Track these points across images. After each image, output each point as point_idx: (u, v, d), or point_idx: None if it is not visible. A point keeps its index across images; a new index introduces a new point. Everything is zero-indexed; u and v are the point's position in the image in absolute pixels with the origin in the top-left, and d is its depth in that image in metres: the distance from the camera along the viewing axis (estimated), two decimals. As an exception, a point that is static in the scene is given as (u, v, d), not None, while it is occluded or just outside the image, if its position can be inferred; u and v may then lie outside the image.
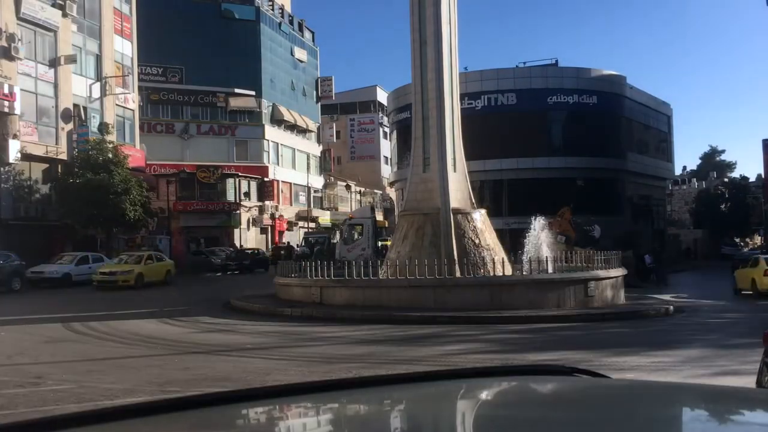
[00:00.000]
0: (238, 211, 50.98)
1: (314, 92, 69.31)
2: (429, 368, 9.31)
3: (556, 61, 47.75)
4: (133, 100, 43.15)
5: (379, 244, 36.38)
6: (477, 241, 19.55)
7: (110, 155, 34.44)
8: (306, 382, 5.30)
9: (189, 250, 45.06)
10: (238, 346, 12.69)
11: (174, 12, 54.08)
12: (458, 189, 20.22)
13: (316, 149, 67.92)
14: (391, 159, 61.28)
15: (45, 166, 35.53)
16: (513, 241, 25.51)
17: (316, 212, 63.13)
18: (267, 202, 54.50)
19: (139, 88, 46.38)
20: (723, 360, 10.69)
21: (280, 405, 1.85)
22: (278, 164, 59.08)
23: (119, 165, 34.44)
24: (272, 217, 55.27)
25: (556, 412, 1.76)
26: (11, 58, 32.80)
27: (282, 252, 42.30)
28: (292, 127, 62.67)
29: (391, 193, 66.84)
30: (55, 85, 36.05)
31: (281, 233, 56.91)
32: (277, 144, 59.81)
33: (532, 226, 22.89)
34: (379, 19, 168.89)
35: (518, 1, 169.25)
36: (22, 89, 33.27)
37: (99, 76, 39.56)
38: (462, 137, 21.00)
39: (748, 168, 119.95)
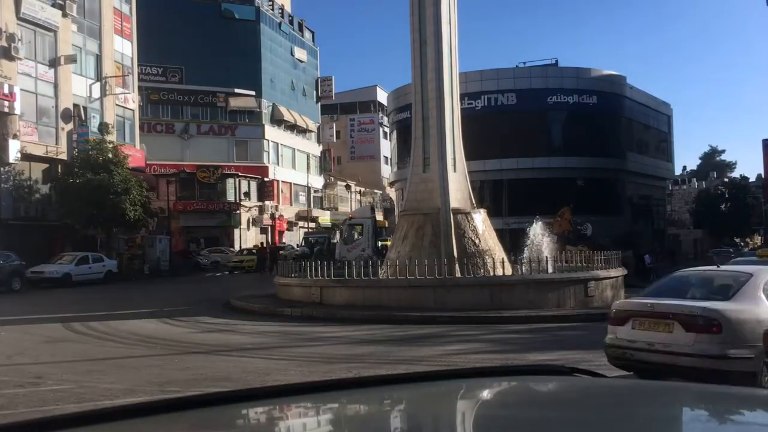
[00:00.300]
0: (238, 211, 51.01)
1: (314, 92, 69.33)
2: (429, 368, 9.31)
3: (556, 61, 47.86)
4: (133, 100, 43.15)
5: (379, 244, 36.39)
6: (477, 241, 19.55)
7: (110, 155, 34.44)
8: (306, 382, 5.29)
9: (189, 250, 45.28)
10: (238, 346, 12.69)
11: (174, 12, 54.08)
12: (458, 189, 20.21)
13: (316, 149, 67.93)
14: (391, 159, 61.31)
15: (45, 166, 35.53)
16: (513, 241, 25.52)
17: (316, 212, 63.14)
18: (267, 202, 54.52)
19: (139, 88, 46.37)
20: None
21: (280, 405, 1.85)
22: (278, 164, 59.09)
23: (119, 165, 34.43)
24: (272, 217, 55.29)
25: (556, 412, 1.76)
26: (11, 58, 32.80)
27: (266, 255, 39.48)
28: (292, 127, 62.68)
29: (391, 193, 66.87)
30: (55, 85, 36.05)
31: (281, 233, 56.94)
32: (277, 144, 59.83)
33: (530, 229, 22.89)
34: (379, 19, 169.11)
35: (518, 1, 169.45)
36: (22, 89, 33.26)
37: (99, 76, 39.56)
38: (462, 137, 20.99)
39: (748, 168, 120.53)
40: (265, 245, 45.07)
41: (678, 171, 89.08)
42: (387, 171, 71.33)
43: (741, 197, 66.31)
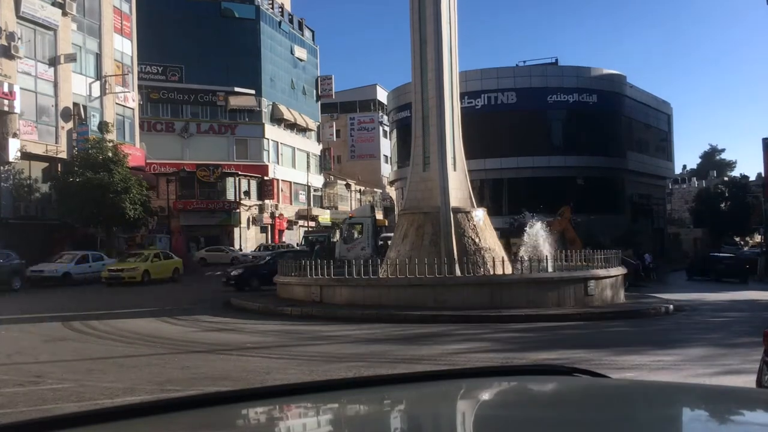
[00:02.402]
0: (238, 210, 51.01)
1: (314, 91, 69.30)
2: (429, 368, 9.32)
3: (556, 59, 47.74)
4: (132, 99, 43.13)
5: (379, 243, 36.34)
6: (477, 240, 19.55)
7: (110, 154, 34.42)
8: (306, 382, 5.29)
9: (189, 249, 45.14)
10: (237, 345, 12.68)
11: (174, 11, 54.09)
12: (458, 188, 20.21)
13: (316, 148, 67.91)
14: (391, 158, 61.27)
15: (45, 164, 35.52)
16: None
17: (316, 211, 63.12)
18: (267, 201, 54.52)
19: (139, 86, 46.36)
20: (724, 359, 10.68)
21: (280, 405, 1.85)
22: (278, 163, 59.08)
23: (119, 164, 34.41)
24: (272, 215, 55.31)
25: (556, 412, 1.76)
26: (11, 57, 32.78)
27: None
28: (292, 126, 62.66)
29: (391, 192, 66.84)
30: (55, 84, 36.03)
31: (281, 232, 56.95)
32: (277, 143, 59.81)
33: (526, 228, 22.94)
34: (379, 18, 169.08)
35: (518, 0, 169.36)
36: (21, 88, 33.25)
37: (99, 75, 39.55)
38: (462, 136, 20.99)
39: (748, 167, 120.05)
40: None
41: (678, 170, 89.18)
42: (387, 170, 71.31)
43: (741, 196, 66.23)
